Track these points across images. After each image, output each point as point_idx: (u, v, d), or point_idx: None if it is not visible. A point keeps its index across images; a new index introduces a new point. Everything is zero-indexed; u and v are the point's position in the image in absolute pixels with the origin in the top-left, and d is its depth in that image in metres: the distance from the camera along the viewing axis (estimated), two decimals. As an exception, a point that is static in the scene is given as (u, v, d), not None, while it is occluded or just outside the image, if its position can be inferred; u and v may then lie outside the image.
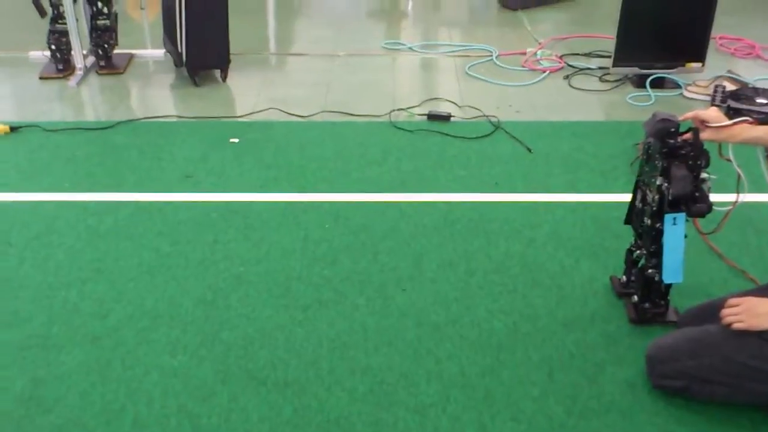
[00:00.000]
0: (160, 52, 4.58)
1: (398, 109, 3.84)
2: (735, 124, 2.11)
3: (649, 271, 2.31)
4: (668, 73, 4.10)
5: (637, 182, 2.35)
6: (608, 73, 4.20)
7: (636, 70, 4.10)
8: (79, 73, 4.27)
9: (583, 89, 4.14)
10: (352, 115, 3.82)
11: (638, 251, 2.39)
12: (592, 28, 4.93)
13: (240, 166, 3.33)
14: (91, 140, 3.57)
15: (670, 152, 2.17)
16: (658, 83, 4.08)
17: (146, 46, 4.79)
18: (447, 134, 3.60)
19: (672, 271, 2.25)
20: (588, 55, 4.56)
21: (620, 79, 4.17)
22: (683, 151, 2.16)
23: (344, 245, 2.77)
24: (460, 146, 3.50)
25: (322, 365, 2.22)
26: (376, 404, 2.08)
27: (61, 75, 4.27)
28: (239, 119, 3.80)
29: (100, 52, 4.31)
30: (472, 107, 3.86)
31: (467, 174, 3.26)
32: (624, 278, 2.48)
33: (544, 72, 4.35)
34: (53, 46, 4.24)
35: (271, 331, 2.36)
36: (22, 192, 3.13)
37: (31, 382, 2.16)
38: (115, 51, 4.39)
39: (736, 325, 1.98)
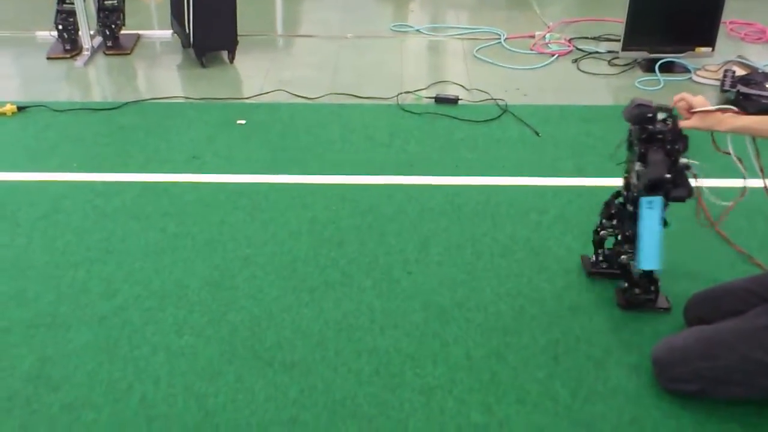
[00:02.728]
0: (167, 33, 4.57)
1: (406, 92, 3.83)
2: (719, 110, 2.09)
3: (623, 257, 2.31)
4: (678, 58, 4.07)
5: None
6: (617, 57, 4.17)
7: (645, 55, 4.08)
8: (86, 53, 4.26)
9: (591, 73, 4.12)
10: (359, 97, 3.81)
11: (603, 231, 2.43)
12: (601, 12, 4.90)
13: (247, 147, 3.33)
14: (98, 120, 3.57)
15: (648, 138, 2.17)
16: (668, 68, 4.05)
17: (153, 27, 4.78)
18: (454, 117, 3.59)
19: (649, 257, 2.20)
20: (597, 38, 4.53)
21: (629, 64, 4.14)
22: (660, 136, 2.16)
23: (351, 227, 2.77)
24: (468, 129, 3.49)
25: (329, 346, 2.23)
26: (382, 386, 2.09)
27: (68, 55, 4.27)
28: (246, 101, 3.79)
29: (108, 32, 4.31)
30: (480, 90, 3.84)
31: (474, 157, 3.25)
32: (593, 258, 2.51)
33: (553, 55, 4.32)
34: (60, 27, 4.23)
35: (277, 312, 2.36)
36: (29, 172, 3.14)
37: (38, 360, 2.18)
38: (122, 31, 4.38)
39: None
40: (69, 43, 4.29)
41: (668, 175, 2.15)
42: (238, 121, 3.55)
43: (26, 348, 2.22)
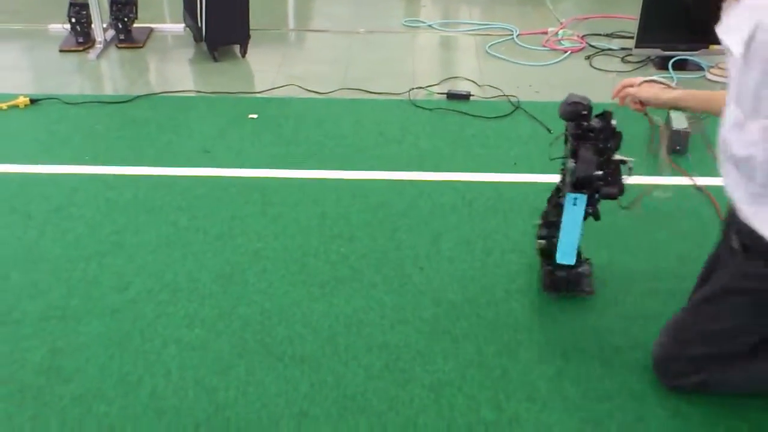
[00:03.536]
0: (179, 27, 4.57)
1: (418, 88, 3.83)
2: (647, 81, 2.19)
3: (541, 241, 2.35)
4: (691, 55, 4.05)
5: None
6: (630, 54, 4.15)
7: (658, 52, 4.06)
8: (98, 46, 4.28)
9: (604, 70, 4.10)
10: (371, 92, 3.80)
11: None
12: (614, 8, 4.88)
13: (258, 141, 3.33)
14: (110, 114, 3.58)
15: (581, 134, 2.19)
16: (681, 65, 4.03)
17: (165, 21, 4.78)
18: (466, 113, 3.58)
19: (566, 252, 2.25)
20: (610, 35, 4.51)
21: (642, 61, 4.12)
22: (592, 134, 2.18)
23: (362, 223, 2.77)
24: (480, 125, 3.48)
25: (339, 341, 2.23)
26: (392, 381, 2.09)
27: (80, 48, 4.29)
28: (258, 95, 3.79)
29: (120, 25, 4.31)
30: (492, 86, 3.83)
31: (486, 153, 3.25)
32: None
33: (566, 52, 4.31)
34: (73, 19, 4.24)
35: (288, 306, 2.37)
36: (41, 164, 3.15)
37: (50, 352, 2.19)
38: (135, 25, 4.39)
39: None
40: (82, 36, 4.30)
41: (600, 173, 2.16)
42: (250, 116, 3.55)
43: (38, 340, 2.23)
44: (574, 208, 2.19)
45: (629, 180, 2.18)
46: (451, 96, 3.74)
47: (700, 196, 2.86)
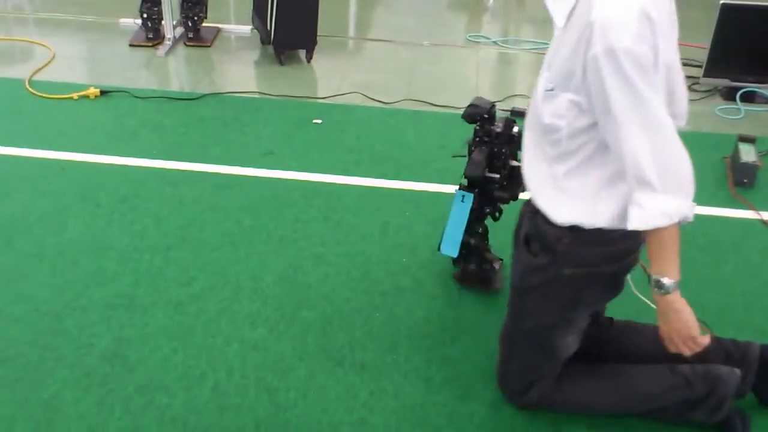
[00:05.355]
0: (246, 28, 4.63)
1: (481, 103, 3.82)
2: None
3: (471, 240, 2.43)
4: (760, 88, 3.99)
5: None
6: (697, 83, 4.09)
7: (726, 82, 4.00)
8: (167, 43, 4.34)
9: (669, 97, 4.06)
10: (434, 105, 3.81)
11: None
12: (683, 36, 4.79)
13: (322, 147, 3.36)
14: (177, 110, 3.64)
15: (481, 138, 2.29)
16: (749, 97, 3.97)
17: (232, 22, 4.84)
18: (529, 132, 3.56)
19: (449, 244, 2.38)
20: (676, 63, 4.46)
21: (709, 90, 4.07)
22: (488, 138, 2.26)
23: (423, 234, 2.78)
24: (543, 145, 3.46)
25: (399, 351, 2.23)
26: (451, 395, 2.09)
27: (150, 44, 4.36)
28: (322, 101, 3.82)
29: (190, 24, 4.38)
30: (556, 107, 3.81)
31: (549, 174, 3.23)
32: None
33: (630, 77, 4.27)
34: (145, 15, 4.32)
35: (349, 312, 2.38)
36: (111, 155, 3.21)
37: (115, 340, 2.23)
38: (204, 24, 4.45)
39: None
40: (152, 32, 4.37)
41: (496, 176, 2.26)
42: (315, 121, 3.58)
43: (104, 327, 2.27)
44: (462, 205, 2.32)
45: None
46: (515, 113, 3.69)
47: (770, 232, 2.83)
